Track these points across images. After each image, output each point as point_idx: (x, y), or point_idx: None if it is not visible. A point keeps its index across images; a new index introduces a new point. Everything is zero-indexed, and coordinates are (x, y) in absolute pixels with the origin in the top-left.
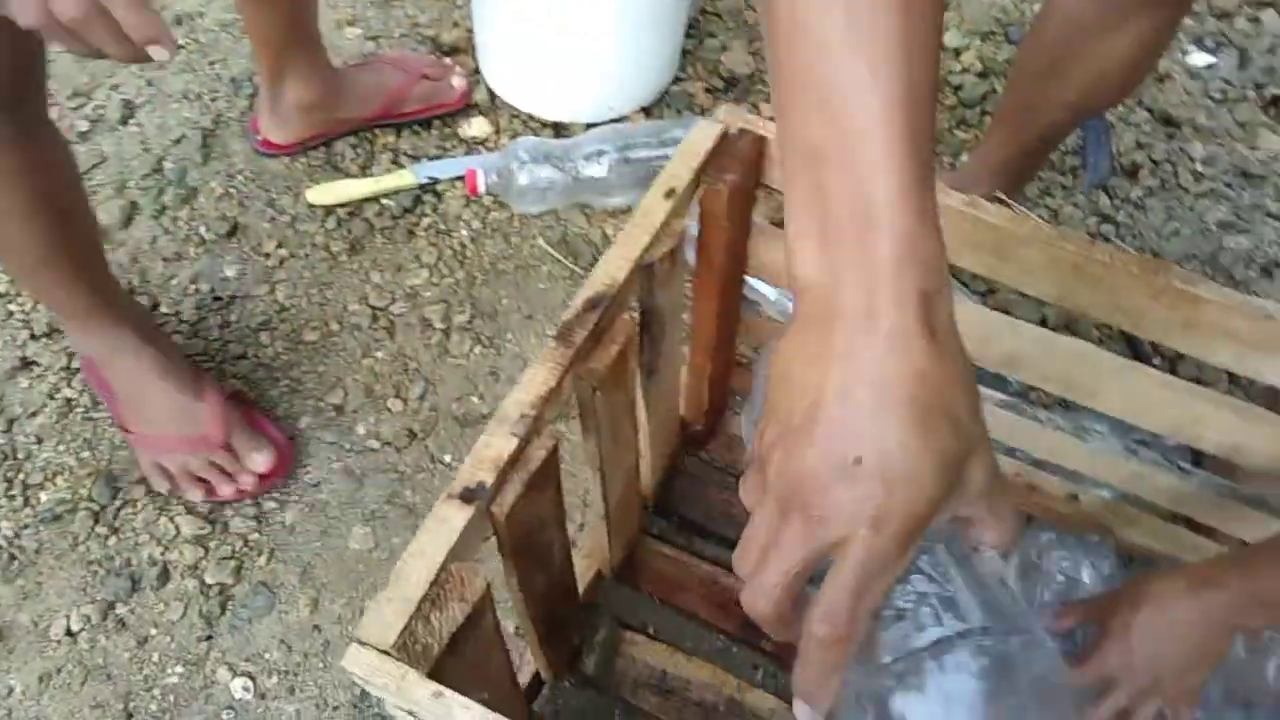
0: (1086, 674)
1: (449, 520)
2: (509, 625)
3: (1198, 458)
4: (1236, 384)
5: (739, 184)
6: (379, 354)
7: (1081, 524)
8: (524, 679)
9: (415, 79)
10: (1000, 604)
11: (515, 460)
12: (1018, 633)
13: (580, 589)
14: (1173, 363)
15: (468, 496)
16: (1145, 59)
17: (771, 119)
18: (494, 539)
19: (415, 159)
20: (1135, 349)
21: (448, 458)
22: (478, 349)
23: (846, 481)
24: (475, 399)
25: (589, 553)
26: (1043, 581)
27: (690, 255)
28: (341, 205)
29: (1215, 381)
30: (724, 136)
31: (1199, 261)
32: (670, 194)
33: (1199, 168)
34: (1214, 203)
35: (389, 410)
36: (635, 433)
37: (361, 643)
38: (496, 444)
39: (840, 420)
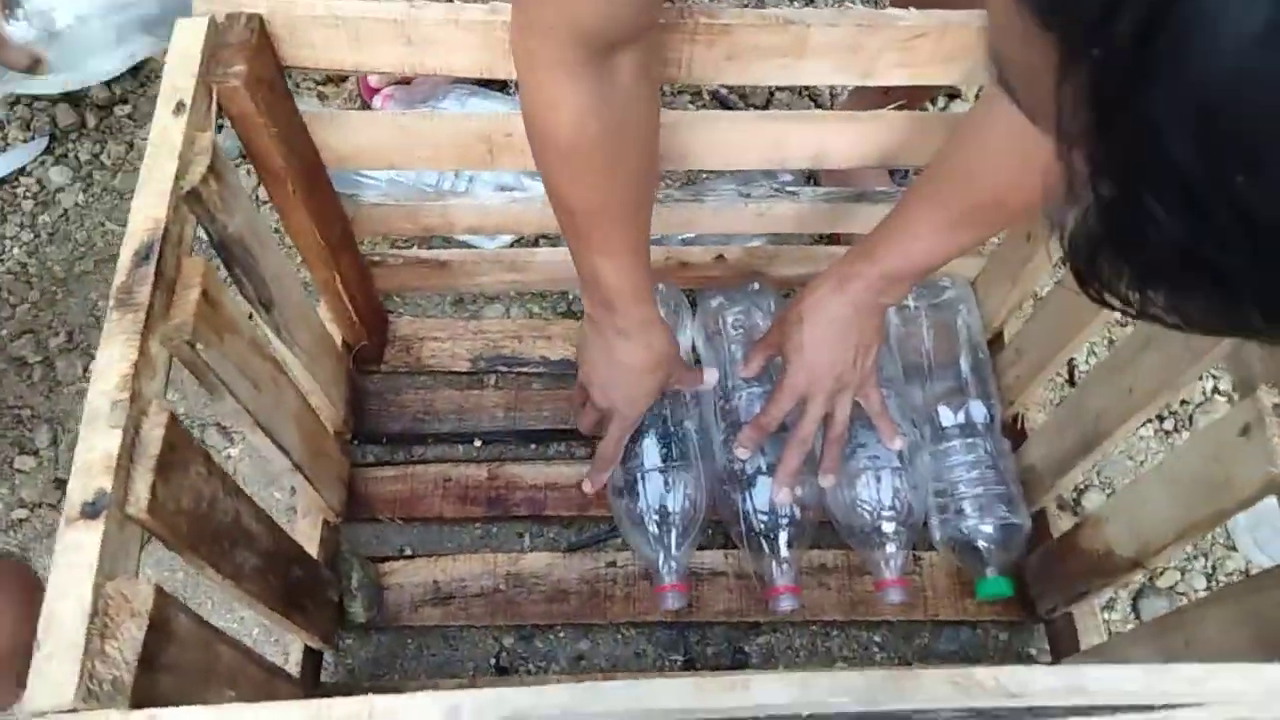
0: (783, 401)
1: (81, 545)
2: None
3: (816, 180)
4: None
5: (252, 75)
6: None
7: (737, 279)
8: (296, 657)
9: None
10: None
11: (131, 452)
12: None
13: (316, 547)
14: (766, 109)
15: (91, 512)
16: None
17: None
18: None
19: None
20: (725, 106)
21: None
22: (92, 365)
23: (608, 396)
24: None
25: (307, 509)
26: (726, 340)
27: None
28: None
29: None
30: (214, 28)
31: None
32: (179, 108)
33: None
34: None
35: (22, 472)
36: (281, 371)
37: (38, 715)
38: (99, 444)
39: (606, 375)
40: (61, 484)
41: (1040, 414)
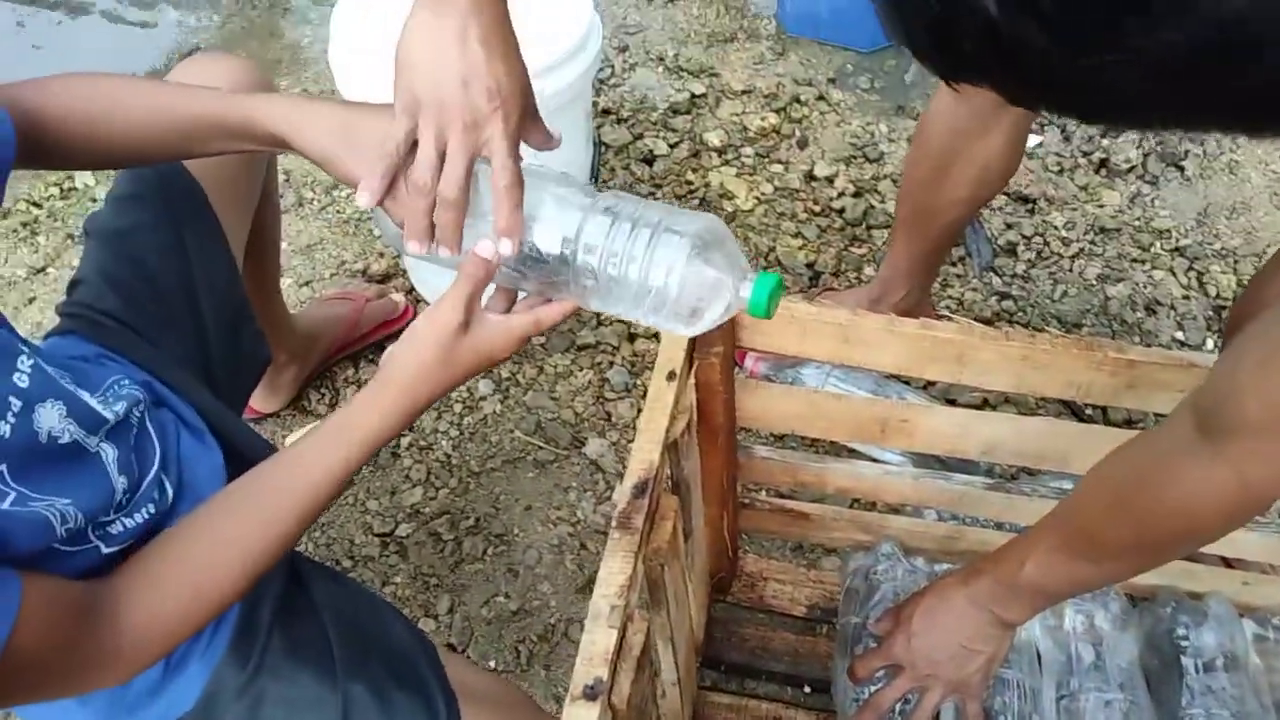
0: (873, 661)
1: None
2: None
3: None
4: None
5: (724, 353)
6: (398, 579)
7: None
8: None
9: (361, 304)
10: None
11: (619, 651)
12: None
13: None
14: (1104, 411)
15: (590, 694)
16: (1017, 148)
17: None
18: None
19: None
20: (1074, 411)
21: (492, 663)
22: (490, 550)
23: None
24: (501, 599)
25: None
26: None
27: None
28: None
29: (1143, 420)
30: None
31: (1093, 314)
32: (671, 376)
33: (1064, 234)
34: (1086, 260)
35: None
36: (688, 595)
37: None
38: (600, 639)
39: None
40: (451, 649)
41: None
